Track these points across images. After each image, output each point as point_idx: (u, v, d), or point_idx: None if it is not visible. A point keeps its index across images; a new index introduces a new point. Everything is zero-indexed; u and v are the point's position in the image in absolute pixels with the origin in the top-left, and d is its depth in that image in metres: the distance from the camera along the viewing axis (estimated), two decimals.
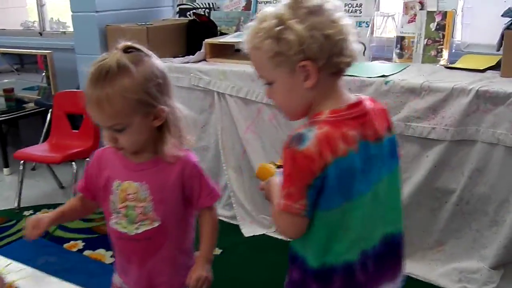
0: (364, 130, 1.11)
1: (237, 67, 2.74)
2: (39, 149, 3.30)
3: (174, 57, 3.03)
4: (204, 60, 2.95)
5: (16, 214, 3.21)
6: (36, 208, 3.26)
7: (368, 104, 1.15)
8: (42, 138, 3.73)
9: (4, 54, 4.60)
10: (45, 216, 1.39)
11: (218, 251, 2.65)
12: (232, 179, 2.83)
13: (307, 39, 1.03)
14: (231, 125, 2.78)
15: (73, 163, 3.19)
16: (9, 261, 1.41)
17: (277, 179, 1.22)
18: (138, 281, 1.42)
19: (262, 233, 2.78)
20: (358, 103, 1.13)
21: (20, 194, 3.32)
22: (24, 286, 1.28)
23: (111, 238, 1.43)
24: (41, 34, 4.56)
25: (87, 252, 2.71)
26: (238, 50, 3.02)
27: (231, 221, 2.89)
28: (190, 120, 1.36)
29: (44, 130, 3.77)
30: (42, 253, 2.69)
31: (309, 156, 1.04)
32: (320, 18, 1.05)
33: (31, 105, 4.06)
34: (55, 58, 3.95)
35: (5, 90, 4.08)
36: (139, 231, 1.35)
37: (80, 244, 2.79)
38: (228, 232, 2.82)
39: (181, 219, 1.40)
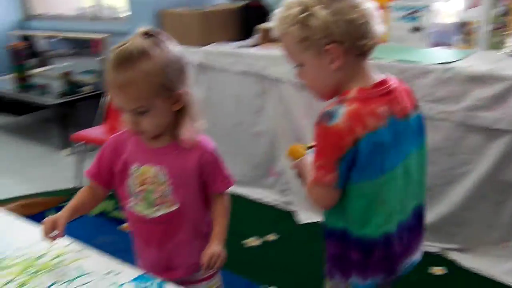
0: (392, 107, 1.19)
1: None
2: (96, 132, 3.37)
3: (229, 42, 3.02)
4: (258, 45, 2.92)
5: (75, 194, 3.27)
6: None
7: (394, 82, 1.23)
8: (98, 121, 3.81)
9: (62, 38, 4.71)
10: (60, 216, 1.37)
11: (273, 237, 2.64)
12: (287, 165, 2.80)
13: (331, 24, 1.11)
14: (285, 111, 2.75)
15: None
16: (69, 241, 1.42)
17: (309, 158, 1.30)
18: (157, 264, 1.44)
19: (318, 220, 2.74)
20: (384, 82, 1.21)
21: (78, 174, 3.40)
22: (84, 266, 1.29)
23: (130, 221, 1.46)
24: (95, 19, 4.64)
25: None
26: None
27: (287, 207, 2.89)
28: (200, 105, 1.37)
29: (100, 113, 3.85)
30: (99, 233, 2.75)
31: (338, 132, 1.13)
32: (343, 3, 1.12)
33: (88, 88, 4.16)
34: (109, 43, 4.02)
35: (63, 74, 4.18)
36: (158, 214, 1.38)
37: None
38: (284, 218, 2.83)
39: (199, 203, 1.42)
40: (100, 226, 2.84)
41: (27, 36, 4.98)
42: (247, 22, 3.04)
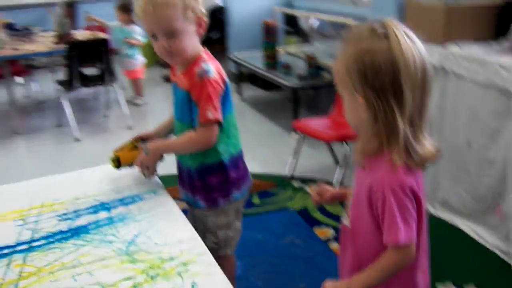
0: None
1: None
2: (318, 123, 3.22)
3: (476, 43, 2.52)
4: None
5: (286, 183, 3.21)
6: (304, 181, 3.22)
7: None
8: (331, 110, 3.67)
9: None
10: (330, 189, 1.40)
11: None
12: None
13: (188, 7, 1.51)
14: None
15: (346, 144, 3.03)
16: (204, 249, 1.35)
17: (158, 143, 1.69)
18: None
19: None
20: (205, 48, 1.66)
21: (292, 163, 3.32)
22: (200, 285, 1.20)
23: None
24: (355, 3, 4.47)
25: (334, 245, 2.49)
26: None
27: (505, 258, 2.33)
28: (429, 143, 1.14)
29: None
30: (291, 231, 2.65)
31: (217, 80, 1.56)
32: None
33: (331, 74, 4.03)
34: None
35: (308, 57, 4.14)
36: (344, 222, 1.30)
37: (329, 233, 2.60)
38: (495, 269, 2.30)
39: (371, 234, 1.17)
40: (296, 223, 2.71)
41: (289, 14, 5.10)
42: (505, 23, 2.49)
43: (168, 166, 1.79)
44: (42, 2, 6.62)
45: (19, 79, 6.24)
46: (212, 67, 1.56)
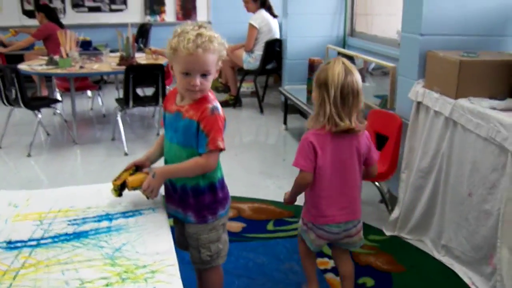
0: None
1: None
2: None
3: (490, 98, 2.59)
4: None
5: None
6: None
7: None
8: None
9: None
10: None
11: None
12: (504, 260, 2.27)
13: (221, 57, 1.88)
14: None
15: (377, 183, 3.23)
16: (174, 261, 1.54)
17: (165, 168, 1.96)
18: None
19: None
20: None
21: None
22: None
23: None
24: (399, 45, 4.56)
25: (329, 275, 2.63)
26: None
27: None
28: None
29: None
30: (293, 258, 2.78)
31: (223, 117, 1.87)
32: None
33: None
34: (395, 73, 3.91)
35: None
36: None
37: (328, 264, 2.74)
38: None
39: None
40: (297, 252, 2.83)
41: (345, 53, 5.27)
42: None
43: None
44: (118, 23, 7.17)
45: (88, 93, 6.79)
46: (219, 106, 1.87)
